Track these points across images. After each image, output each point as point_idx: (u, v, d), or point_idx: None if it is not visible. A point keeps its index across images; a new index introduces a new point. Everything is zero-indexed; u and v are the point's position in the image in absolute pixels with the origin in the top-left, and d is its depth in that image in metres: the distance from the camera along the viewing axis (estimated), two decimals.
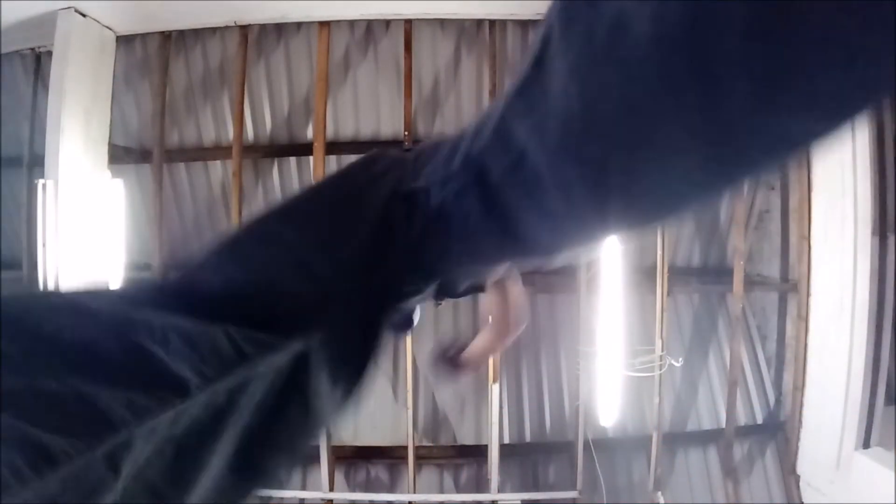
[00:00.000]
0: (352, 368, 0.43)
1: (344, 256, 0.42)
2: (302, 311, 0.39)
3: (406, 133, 3.52)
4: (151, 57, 3.61)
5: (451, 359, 0.57)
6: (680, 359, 3.44)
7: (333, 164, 3.68)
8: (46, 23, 3.08)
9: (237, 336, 0.34)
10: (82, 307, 0.32)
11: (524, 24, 3.52)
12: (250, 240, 0.43)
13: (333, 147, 3.62)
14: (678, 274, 3.82)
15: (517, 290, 0.54)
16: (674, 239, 3.88)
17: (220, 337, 0.33)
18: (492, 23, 3.48)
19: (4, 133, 3.62)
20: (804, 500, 3.51)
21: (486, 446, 3.56)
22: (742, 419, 3.84)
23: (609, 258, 3.30)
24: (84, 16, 3.15)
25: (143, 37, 3.57)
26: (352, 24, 3.54)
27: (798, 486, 3.56)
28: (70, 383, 0.27)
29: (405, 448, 3.56)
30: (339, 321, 0.41)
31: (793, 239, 3.68)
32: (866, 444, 3.13)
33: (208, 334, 0.33)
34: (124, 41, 3.49)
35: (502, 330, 0.54)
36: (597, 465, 3.55)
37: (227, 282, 0.38)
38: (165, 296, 0.36)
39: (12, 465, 0.24)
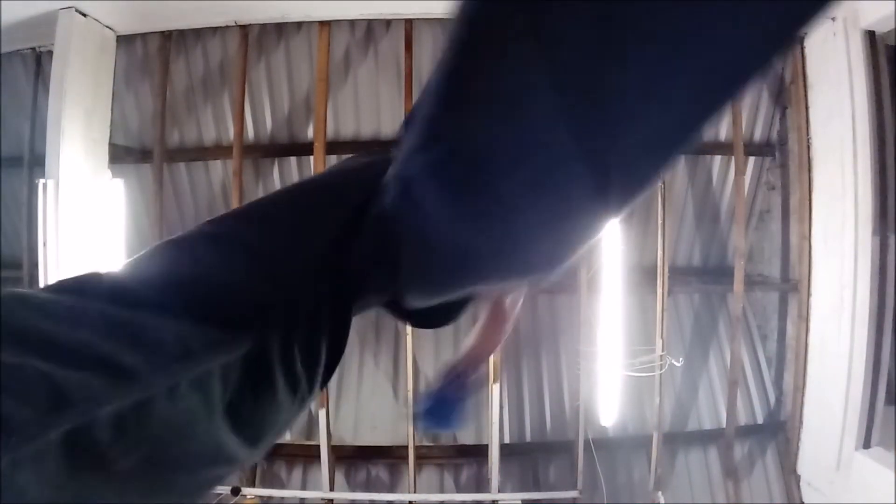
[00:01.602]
0: (314, 367, 0.43)
1: (304, 257, 0.42)
2: (257, 309, 0.39)
3: None
4: (151, 57, 3.61)
5: (457, 374, 0.59)
6: (680, 359, 3.44)
7: (334, 163, 3.67)
8: (46, 23, 3.08)
9: (184, 333, 0.34)
10: (46, 301, 0.33)
11: None
12: (206, 238, 0.43)
13: (334, 147, 3.62)
14: (678, 274, 3.82)
15: (510, 307, 0.55)
16: (674, 239, 3.88)
17: (167, 333, 0.34)
18: None
19: (4, 133, 3.62)
20: (804, 500, 3.51)
21: (486, 446, 3.56)
22: (742, 419, 3.84)
23: (609, 258, 3.30)
24: (84, 16, 3.15)
25: (143, 37, 3.56)
26: (352, 24, 3.54)
27: (798, 486, 3.55)
28: (30, 361, 0.28)
29: (405, 448, 3.56)
30: (301, 322, 0.41)
31: (793, 239, 3.68)
32: (866, 444, 3.13)
33: (157, 329, 0.34)
34: (124, 41, 3.49)
35: (487, 339, 0.54)
36: (597, 464, 3.55)
37: (182, 278, 0.39)
38: (121, 289, 0.37)
39: None
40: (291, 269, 0.42)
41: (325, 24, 3.41)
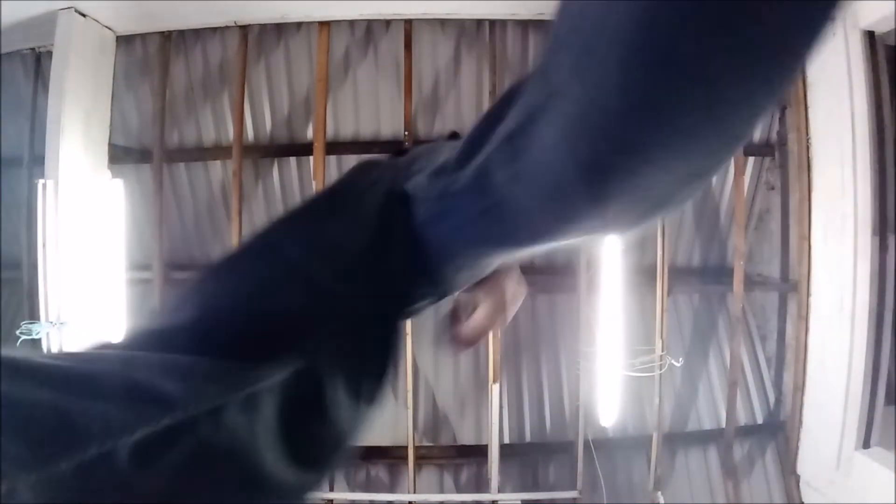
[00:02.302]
0: (368, 376, 0.42)
1: (345, 267, 0.42)
2: (303, 327, 0.39)
3: (406, 133, 3.52)
4: (151, 57, 3.61)
5: (452, 331, 0.59)
6: (680, 359, 3.44)
7: (333, 164, 3.68)
8: (46, 23, 3.08)
9: (229, 365, 0.33)
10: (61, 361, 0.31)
11: (524, 24, 3.52)
12: (252, 255, 0.43)
13: (333, 147, 3.62)
14: (678, 274, 3.82)
15: (513, 276, 0.55)
16: (674, 239, 3.88)
17: (208, 362, 0.33)
18: (492, 23, 3.48)
19: (4, 133, 3.62)
20: (804, 500, 3.51)
21: (486, 446, 3.56)
22: (742, 419, 3.84)
23: (609, 258, 3.30)
24: (84, 16, 3.15)
25: (143, 37, 3.57)
26: (352, 24, 3.54)
27: (798, 486, 3.56)
28: (40, 394, 0.26)
29: (405, 448, 3.57)
30: (347, 333, 0.40)
31: (793, 239, 3.68)
32: (866, 444, 3.13)
33: (200, 364, 0.33)
34: (124, 41, 3.49)
35: (498, 307, 0.54)
36: (597, 465, 3.55)
37: (223, 313, 0.38)
38: (157, 338, 0.36)
39: None
40: (341, 282, 0.41)
41: (325, 25, 3.42)
